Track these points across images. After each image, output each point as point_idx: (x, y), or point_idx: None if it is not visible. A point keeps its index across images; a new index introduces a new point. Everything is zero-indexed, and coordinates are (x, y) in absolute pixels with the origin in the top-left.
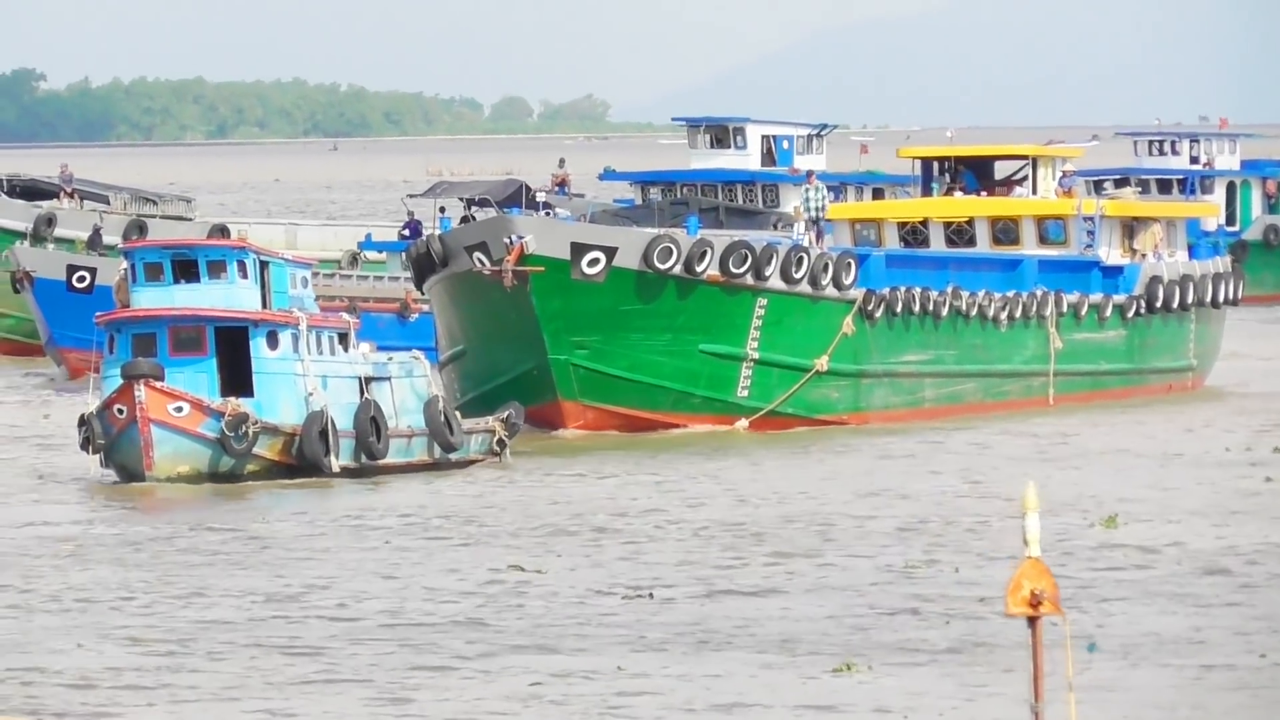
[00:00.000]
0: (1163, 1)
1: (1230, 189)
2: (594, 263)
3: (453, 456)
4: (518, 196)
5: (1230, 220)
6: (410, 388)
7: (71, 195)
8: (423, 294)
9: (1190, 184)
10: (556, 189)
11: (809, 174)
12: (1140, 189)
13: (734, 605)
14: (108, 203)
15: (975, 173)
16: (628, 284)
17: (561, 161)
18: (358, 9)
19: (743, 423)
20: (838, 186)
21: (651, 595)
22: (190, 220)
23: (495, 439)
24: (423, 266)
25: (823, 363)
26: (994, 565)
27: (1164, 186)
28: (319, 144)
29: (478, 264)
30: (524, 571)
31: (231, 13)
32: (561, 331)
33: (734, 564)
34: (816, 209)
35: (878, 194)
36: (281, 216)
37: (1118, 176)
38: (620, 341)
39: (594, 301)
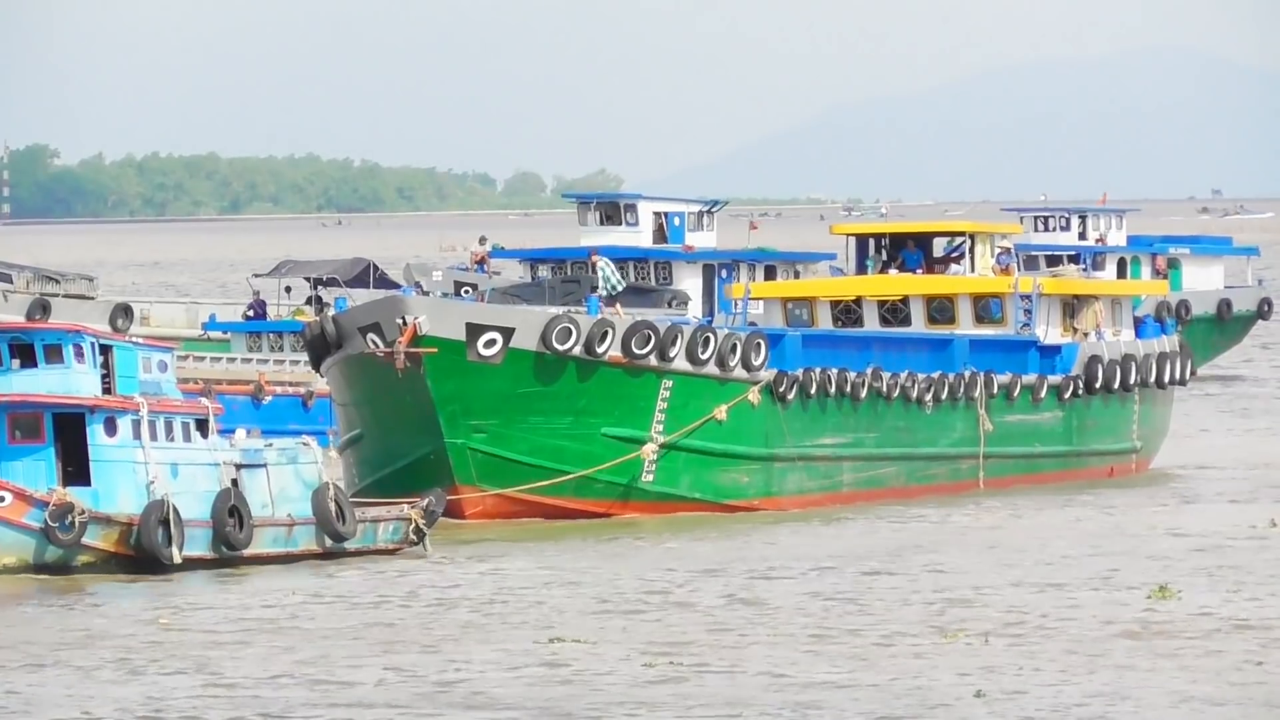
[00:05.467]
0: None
1: (1121, 265)
2: (490, 344)
3: (349, 546)
4: (365, 276)
5: None
6: (294, 475)
7: None
8: (321, 376)
9: (1082, 260)
10: (476, 266)
11: (591, 252)
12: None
13: None
14: (10, 281)
15: (921, 250)
16: (526, 365)
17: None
18: (371, 85)
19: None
20: (730, 264)
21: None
22: (93, 299)
23: (411, 527)
24: (318, 348)
25: (721, 412)
26: None
27: (1054, 263)
28: (331, 219)
29: (371, 345)
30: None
31: (244, 89)
32: (458, 415)
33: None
34: (613, 286)
35: (770, 272)
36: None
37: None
38: (519, 425)
39: (491, 384)
